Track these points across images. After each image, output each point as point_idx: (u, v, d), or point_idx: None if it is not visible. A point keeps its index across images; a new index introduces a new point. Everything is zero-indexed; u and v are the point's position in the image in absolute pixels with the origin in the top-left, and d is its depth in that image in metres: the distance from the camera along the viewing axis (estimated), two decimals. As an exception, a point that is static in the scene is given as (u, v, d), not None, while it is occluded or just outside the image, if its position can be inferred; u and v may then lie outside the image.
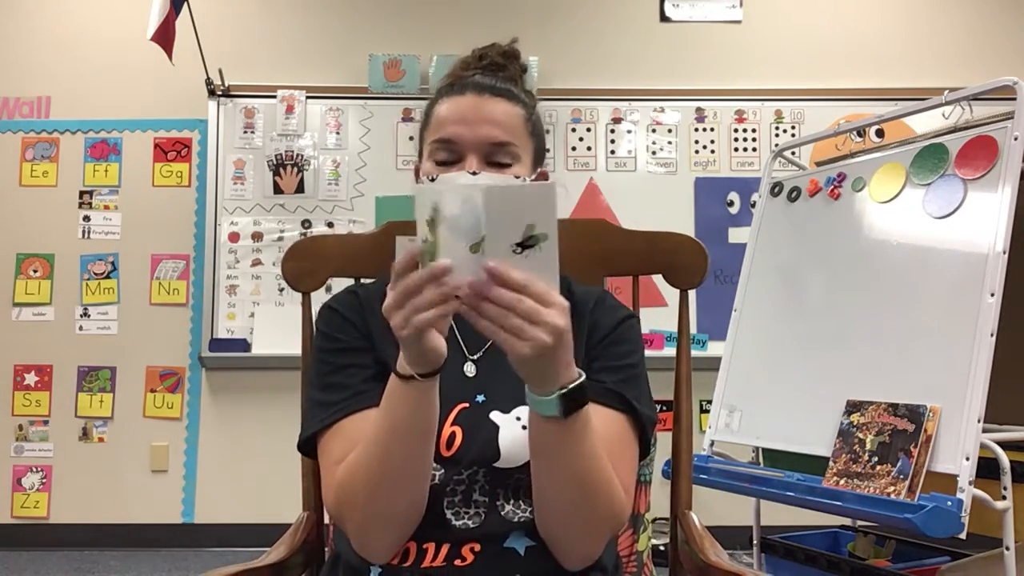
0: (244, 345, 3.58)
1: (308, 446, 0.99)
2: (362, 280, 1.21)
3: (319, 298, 1.10)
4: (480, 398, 0.98)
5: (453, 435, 0.96)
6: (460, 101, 1.03)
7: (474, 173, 0.98)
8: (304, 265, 1.21)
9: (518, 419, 0.96)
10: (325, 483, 0.95)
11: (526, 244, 0.75)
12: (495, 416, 0.97)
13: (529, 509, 0.95)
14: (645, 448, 1.00)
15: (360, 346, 1.00)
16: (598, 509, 0.90)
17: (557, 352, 0.77)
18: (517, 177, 1.01)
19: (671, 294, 3.53)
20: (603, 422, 0.94)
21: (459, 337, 1.02)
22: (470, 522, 0.95)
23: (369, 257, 1.21)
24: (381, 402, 0.88)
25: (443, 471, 0.96)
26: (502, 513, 0.96)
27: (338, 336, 1.01)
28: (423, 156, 1.06)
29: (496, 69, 1.08)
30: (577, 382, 0.81)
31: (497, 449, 0.95)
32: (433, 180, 0.99)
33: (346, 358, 0.99)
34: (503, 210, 0.74)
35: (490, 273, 0.74)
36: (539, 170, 1.07)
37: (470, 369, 1.01)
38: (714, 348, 3.47)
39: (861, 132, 3.30)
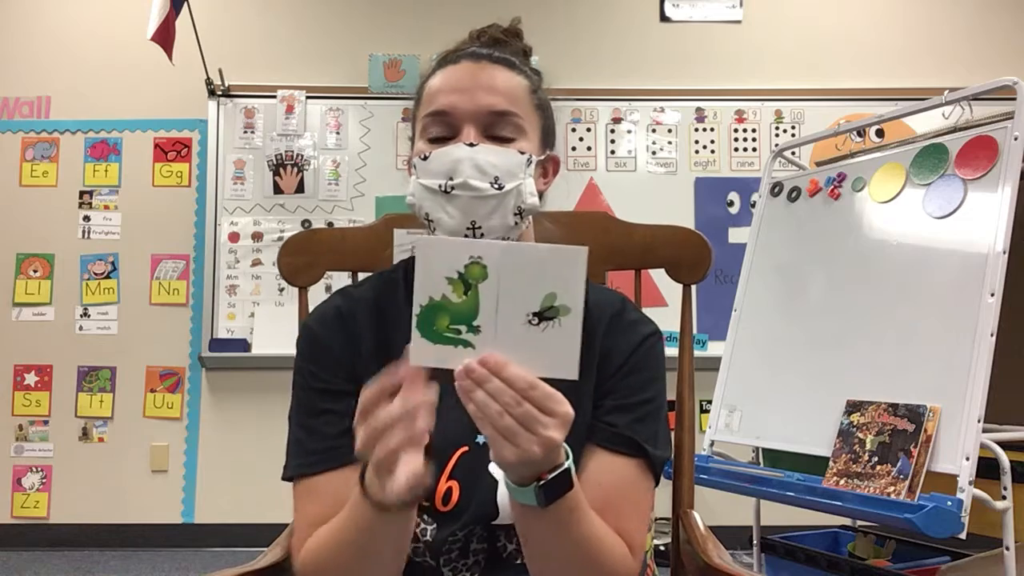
0: (244, 345, 3.58)
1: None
2: (359, 275, 1.19)
3: (317, 293, 1.09)
4: (481, 439, 0.88)
5: (450, 490, 0.88)
6: (455, 70, 0.92)
7: (471, 145, 0.87)
8: (301, 260, 1.20)
9: None
10: (294, 541, 0.89)
11: (544, 316, 0.66)
12: (495, 469, 0.87)
13: None
14: (656, 479, 0.93)
15: (337, 388, 0.91)
16: None
17: (545, 459, 0.69)
18: (523, 153, 0.90)
19: (671, 294, 3.52)
20: (613, 471, 0.87)
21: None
22: (469, 574, 0.89)
23: (366, 251, 1.20)
24: (345, 515, 0.79)
25: (435, 526, 0.89)
26: (504, 556, 0.90)
27: (315, 372, 0.93)
28: (415, 137, 0.94)
29: (496, 44, 0.98)
30: (560, 470, 0.72)
31: (496, 507, 0.87)
32: (425, 159, 0.89)
33: (323, 401, 0.91)
34: (521, 272, 0.66)
35: (486, 365, 0.66)
36: (548, 153, 0.98)
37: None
38: (714, 348, 3.47)
39: (861, 132, 3.30)
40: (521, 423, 0.66)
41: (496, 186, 0.87)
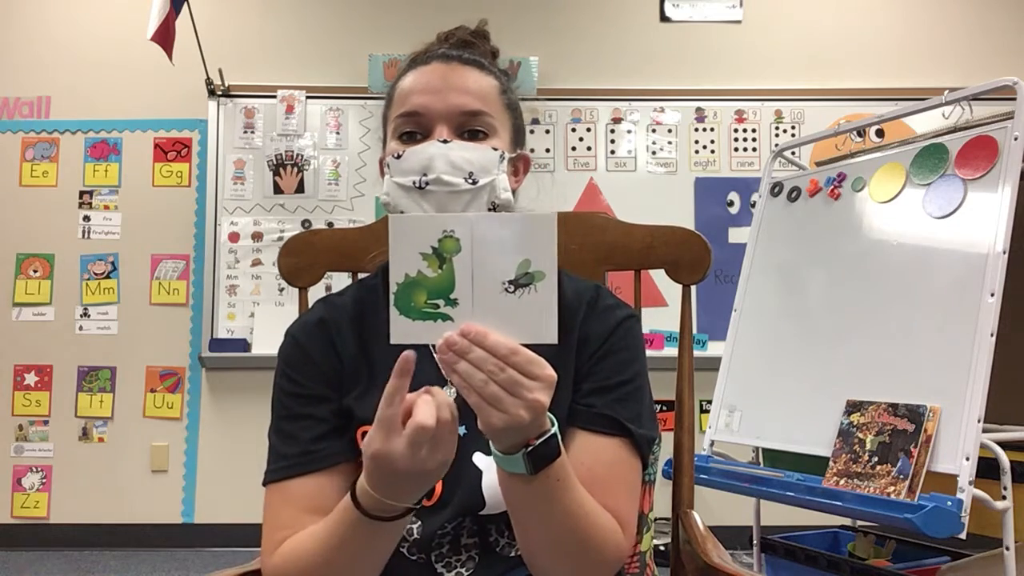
0: (244, 345, 3.58)
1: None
2: (359, 275, 1.19)
3: (316, 293, 1.09)
4: (462, 430, 0.88)
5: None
6: (426, 71, 0.94)
7: (444, 141, 0.89)
8: (300, 260, 1.20)
9: None
10: (264, 547, 0.88)
11: (519, 283, 0.68)
12: (478, 459, 0.88)
13: None
14: (644, 464, 0.93)
15: (318, 394, 0.92)
16: (587, 563, 0.82)
17: (532, 423, 0.70)
18: (495, 149, 0.91)
19: (671, 294, 3.52)
20: (596, 451, 0.87)
21: (435, 353, 0.95)
22: (463, 569, 0.89)
23: (366, 251, 1.19)
24: (331, 529, 0.79)
25: (420, 524, 0.89)
26: (497, 549, 0.90)
27: (296, 378, 0.94)
28: (387, 137, 0.96)
29: (464, 46, 1.00)
30: (546, 436, 0.72)
31: (481, 497, 0.87)
32: (399, 158, 0.90)
33: (301, 406, 0.92)
34: (494, 242, 0.67)
35: (467, 336, 0.67)
36: (519, 152, 0.99)
37: (449, 392, 0.90)
38: (714, 348, 3.47)
39: (861, 132, 3.30)
40: (506, 389, 0.67)
41: (470, 181, 0.89)
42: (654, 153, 3.77)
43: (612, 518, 0.84)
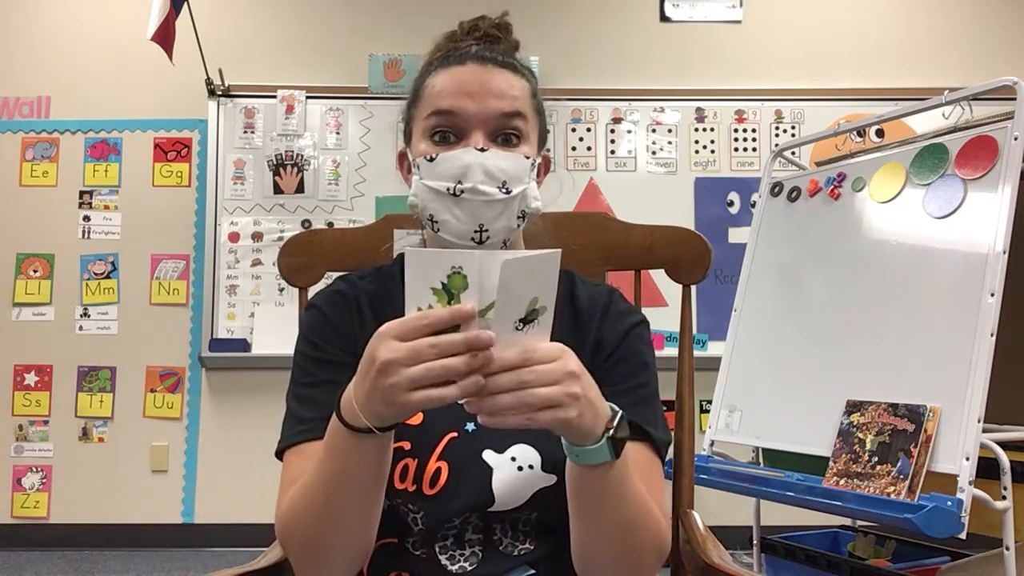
0: (244, 345, 3.58)
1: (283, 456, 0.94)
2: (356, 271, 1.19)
3: (316, 294, 1.09)
4: (471, 426, 0.90)
5: (438, 471, 0.88)
6: (461, 71, 0.93)
7: (481, 150, 0.89)
8: (300, 260, 1.21)
9: (513, 459, 0.88)
10: (278, 501, 0.88)
11: (528, 320, 0.68)
12: (488, 456, 0.89)
13: (529, 540, 0.90)
14: (663, 462, 0.94)
15: (341, 360, 0.91)
16: (645, 551, 0.84)
17: (592, 404, 0.71)
18: (527, 157, 0.92)
19: (671, 294, 3.51)
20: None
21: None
22: (466, 564, 0.89)
23: (366, 251, 1.20)
24: (324, 442, 0.79)
25: (423, 514, 0.89)
26: (500, 548, 0.90)
27: (320, 344, 0.93)
28: (413, 138, 0.95)
29: (491, 41, 0.99)
30: (618, 416, 0.75)
31: (491, 495, 0.88)
32: (432, 160, 0.90)
33: (325, 372, 0.92)
34: (518, 283, 0.67)
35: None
36: (543, 154, 1.00)
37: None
38: (714, 348, 3.47)
39: (861, 132, 3.30)
40: (537, 386, 0.68)
41: (504, 190, 0.89)
42: (654, 153, 3.78)
43: (655, 504, 0.87)
